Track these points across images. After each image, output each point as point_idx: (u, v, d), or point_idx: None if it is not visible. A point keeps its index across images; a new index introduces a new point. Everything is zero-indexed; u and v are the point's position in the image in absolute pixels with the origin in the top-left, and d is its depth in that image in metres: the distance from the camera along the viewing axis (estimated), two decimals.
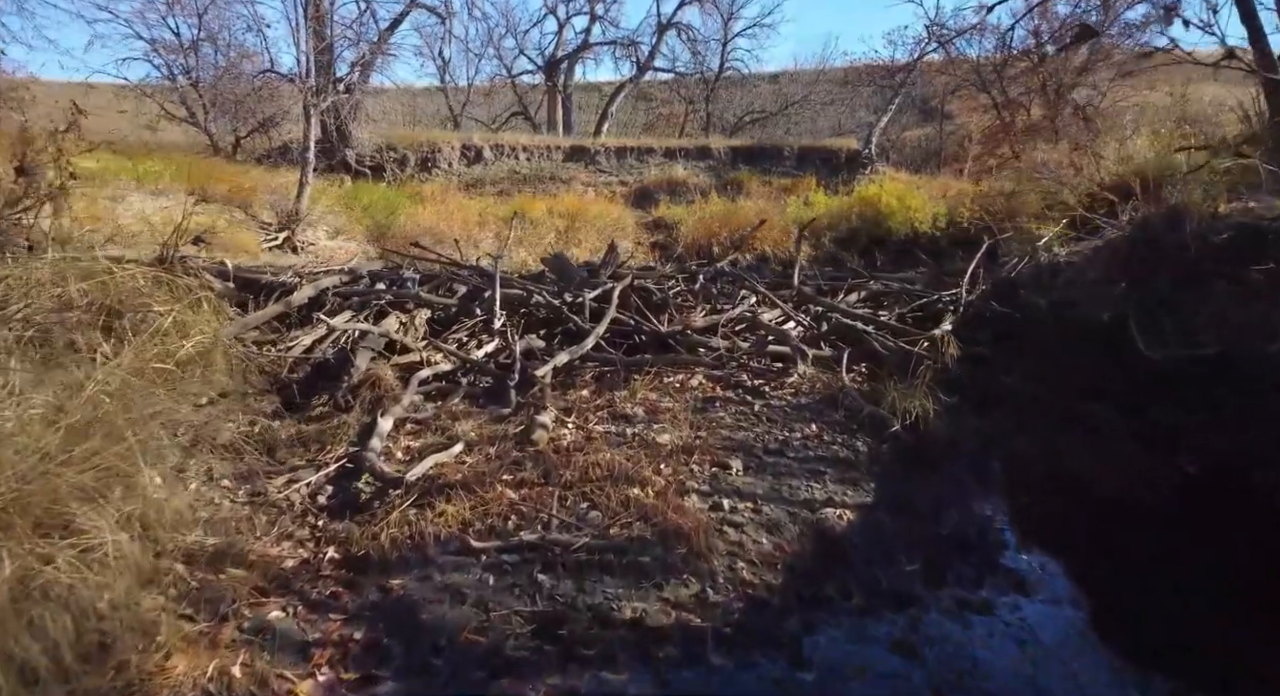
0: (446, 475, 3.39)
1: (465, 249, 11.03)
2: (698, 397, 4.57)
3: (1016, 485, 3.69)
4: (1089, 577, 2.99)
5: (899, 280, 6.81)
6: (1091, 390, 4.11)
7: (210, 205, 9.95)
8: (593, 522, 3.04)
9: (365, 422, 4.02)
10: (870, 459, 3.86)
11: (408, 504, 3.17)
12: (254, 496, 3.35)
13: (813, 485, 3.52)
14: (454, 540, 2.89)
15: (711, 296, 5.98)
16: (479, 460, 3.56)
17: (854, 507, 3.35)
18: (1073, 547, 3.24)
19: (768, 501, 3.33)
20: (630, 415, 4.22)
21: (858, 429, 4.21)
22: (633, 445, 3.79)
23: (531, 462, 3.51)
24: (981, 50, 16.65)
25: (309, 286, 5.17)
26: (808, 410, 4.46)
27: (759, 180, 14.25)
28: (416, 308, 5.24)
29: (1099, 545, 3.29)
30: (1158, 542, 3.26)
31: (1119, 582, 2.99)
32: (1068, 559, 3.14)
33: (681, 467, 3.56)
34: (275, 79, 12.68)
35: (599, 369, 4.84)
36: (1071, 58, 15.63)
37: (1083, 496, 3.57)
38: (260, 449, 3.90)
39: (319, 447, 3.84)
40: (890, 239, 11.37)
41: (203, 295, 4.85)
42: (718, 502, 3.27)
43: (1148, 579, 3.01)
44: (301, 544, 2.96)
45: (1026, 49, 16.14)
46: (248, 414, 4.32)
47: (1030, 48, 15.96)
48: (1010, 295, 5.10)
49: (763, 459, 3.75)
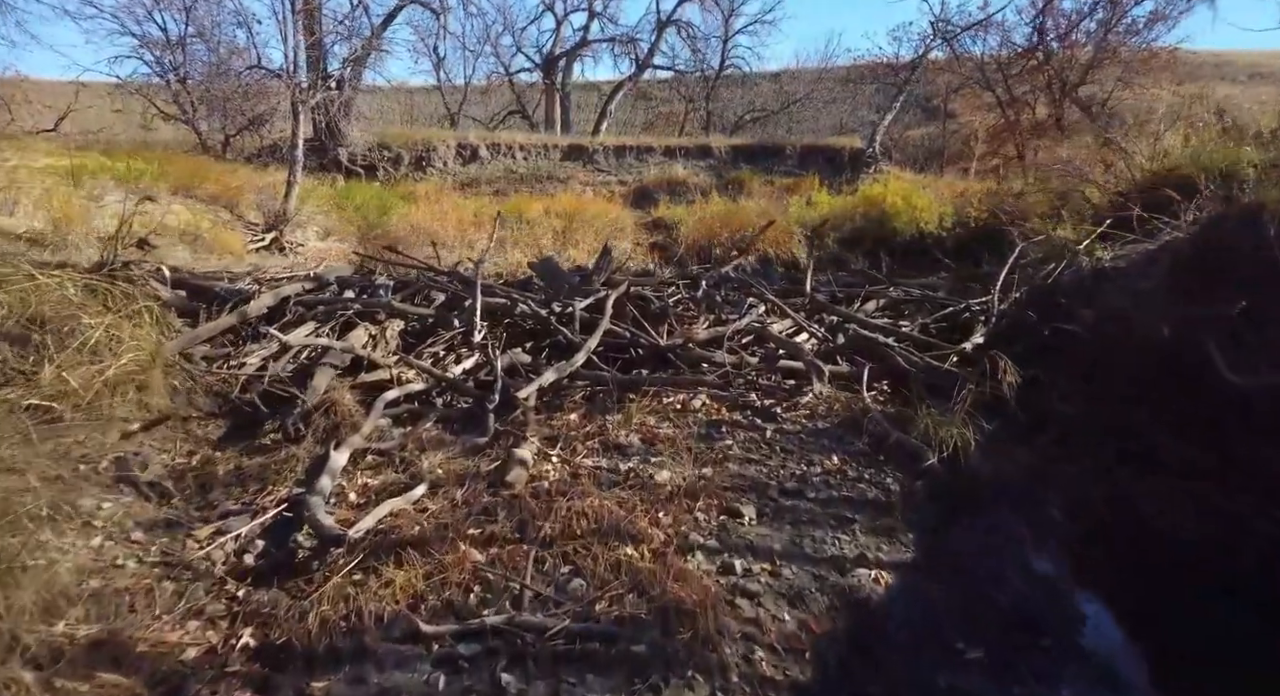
0: (402, 527, 2.75)
1: (460, 250, 10.38)
2: (701, 422, 3.92)
3: (1080, 535, 3.04)
4: (1185, 662, 2.35)
5: (920, 286, 6.12)
6: (1156, 418, 3.46)
7: (196, 204, 9.36)
8: (575, 594, 2.39)
9: (318, 456, 3.38)
10: (904, 500, 3.21)
11: (352, 565, 2.53)
12: (169, 554, 2.70)
13: (840, 537, 2.87)
14: (400, 621, 2.25)
15: (715, 305, 5.31)
16: (443, 507, 2.91)
17: (892, 568, 2.70)
18: (1157, 618, 2.60)
19: (788, 560, 2.68)
20: (624, 445, 3.57)
21: (885, 460, 3.56)
22: (627, 485, 3.14)
23: (505, 510, 2.86)
24: (986, 47, 15.99)
25: (268, 295, 4.51)
26: (826, 437, 3.81)
27: (760, 179, 13.57)
28: (388, 318, 4.58)
29: (1187, 613, 2.64)
30: (1254, 608, 2.62)
31: (1223, 672, 2.34)
32: (1155, 634, 2.50)
33: (684, 515, 2.91)
34: (263, 75, 11.97)
35: (590, 388, 4.19)
36: (1077, 55, 14.94)
37: (1161, 549, 2.92)
38: (193, 487, 3.27)
39: (260, 487, 3.19)
40: (895, 240, 10.73)
41: (144, 305, 4.21)
42: (728, 563, 2.62)
43: (1253, 658, 2.37)
44: (213, 623, 2.32)
45: (1032, 46, 15.47)
46: (188, 442, 3.69)
47: (1035, 44, 15.29)
48: (1049, 305, 4.44)
49: (779, 502, 3.10)
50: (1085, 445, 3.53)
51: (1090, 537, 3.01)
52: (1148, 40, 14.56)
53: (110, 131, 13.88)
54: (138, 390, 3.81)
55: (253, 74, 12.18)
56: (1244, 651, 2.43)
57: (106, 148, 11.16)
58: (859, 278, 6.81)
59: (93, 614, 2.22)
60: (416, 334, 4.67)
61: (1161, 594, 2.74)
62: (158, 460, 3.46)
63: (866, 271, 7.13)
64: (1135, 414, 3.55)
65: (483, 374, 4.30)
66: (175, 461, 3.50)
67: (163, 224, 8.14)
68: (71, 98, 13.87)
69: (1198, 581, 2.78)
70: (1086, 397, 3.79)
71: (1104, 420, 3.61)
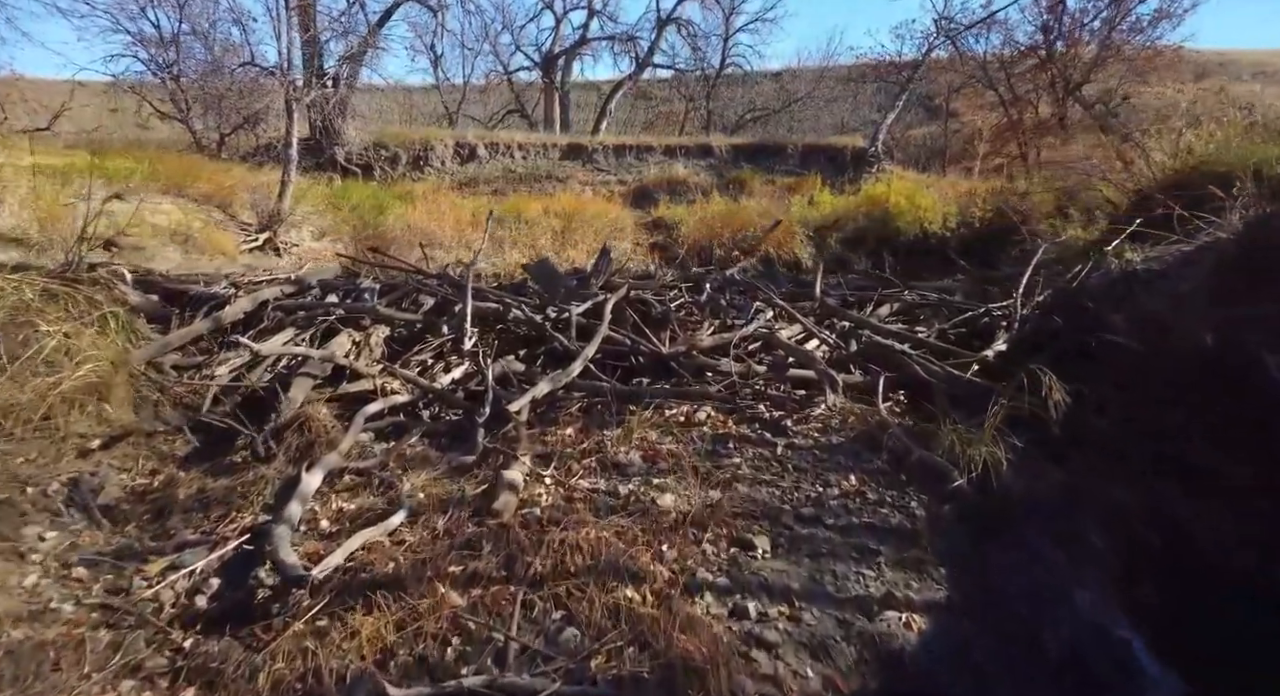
0: (375, 564, 2.42)
1: (457, 250, 10.05)
2: (706, 436, 3.59)
3: (1130, 566, 2.71)
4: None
5: (936, 290, 5.77)
6: (1204, 434, 3.13)
7: (188, 204, 9.04)
8: (567, 647, 2.06)
9: (289, 477, 3.05)
10: (931, 526, 2.88)
11: (316, 609, 2.20)
12: (113, 593, 2.38)
13: (864, 572, 2.53)
14: (364, 681, 1.92)
15: (720, 310, 4.97)
16: (422, 539, 2.58)
17: (924, 609, 2.37)
18: (1224, 665, 2.27)
19: (808, 601, 2.35)
20: (624, 464, 3.24)
21: (907, 480, 3.23)
22: (627, 511, 2.81)
23: (491, 543, 2.53)
24: (989, 46, 15.65)
25: (245, 299, 4.18)
26: (842, 453, 3.48)
27: (762, 179, 13.24)
28: (373, 324, 4.24)
29: (1258, 657, 2.32)
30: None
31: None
32: (1224, 688, 2.17)
33: (690, 547, 2.58)
34: (255, 72, 11.62)
35: (587, 400, 3.85)
36: (1081, 53, 14.60)
37: (1221, 582, 2.59)
38: (151, 512, 2.94)
39: (223, 513, 2.86)
40: (899, 240, 10.44)
41: (109, 311, 3.87)
42: (740, 605, 2.29)
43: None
44: (151, 681, 1.99)
45: (1035, 44, 15.12)
46: (152, 459, 3.36)
47: (1039, 43, 14.95)
48: (1076, 309, 4.11)
49: (794, 530, 2.76)
50: (1126, 463, 3.20)
51: (1141, 569, 2.68)
52: (1152, 38, 14.23)
53: (106, 130, 13.55)
54: (98, 403, 3.49)
55: (246, 71, 11.82)
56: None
57: (98, 146, 10.83)
58: (870, 280, 6.44)
59: (7, 675, 1.89)
60: (403, 341, 4.34)
61: (1227, 634, 2.42)
62: (115, 481, 3.13)
63: (879, 274, 6.77)
64: (1175, 423, 3.22)
65: (473, 384, 3.97)
66: (135, 482, 3.17)
67: (152, 224, 7.84)
68: (68, 97, 13.55)
69: (1256, 618, 2.47)
70: (1122, 408, 3.46)
71: (1142, 432, 3.28)
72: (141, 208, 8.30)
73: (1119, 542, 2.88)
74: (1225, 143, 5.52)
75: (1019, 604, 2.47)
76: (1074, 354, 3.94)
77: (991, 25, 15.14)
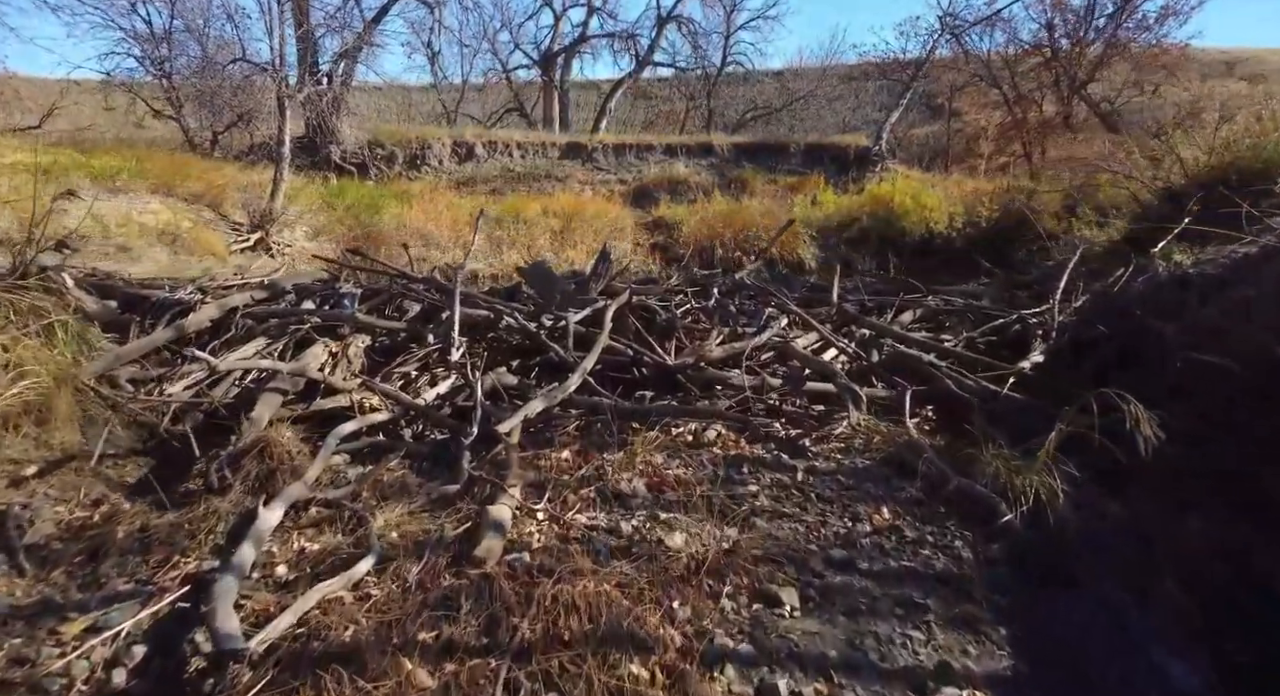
0: (332, 627, 1.98)
1: (453, 251, 9.62)
2: (718, 459, 3.16)
3: (1213, 620, 2.29)
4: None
5: (961, 294, 5.32)
6: (1271, 451, 2.71)
7: (176, 203, 8.62)
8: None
9: (245, 511, 2.62)
10: (979, 572, 2.46)
11: (257, 689, 1.77)
12: (16, 663, 1.95)
13: (911, 634, 2.11)
14: None
15: (730, 317, 4.53)
16: (390, 593, 2.15)
17: (986, 684, 1.94)
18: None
19: (850, 676, 1.92)
20: (627, 494, 2.81)
21: (946, 513, 2.80)
22: (631, 554, 2.38)
23: (471, 599, 2.09)
24: (993, 44, 15.21)
25: (212, 306, 3.74)
26: (869, 479, 3.06)
27: (764, 178, 12.79)
28: (353, 333, 3.81)
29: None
30: None
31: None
32: None
33: (706, 603, 2.16)
34: (247, 68, 11.16)
35: (586, 418, 3.42)
36: (1086, 52, 14.18)
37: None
38: (84, 554, 2.51)
39: (165, 556, 2.43)
40: (904, 240, 10.02)
41: (57, 320, 3.44)
42: (769, 683, 1.86)
43: None
44: None
45: (1039, 43, 14.70)
46: (97, 487, 2.92)
47: (1044, 42, 14.52)
48: (1121, 317, 3.69)
49: (825, 578, 2.34)
50: (1195, 495, 2.77)
51: (1227, 624, 2.26)
52: (1159, 35, 13.80)
53: (100, 129, 13.11)
54: (38, 424, 3.06)
55: (238, 68, 11.35)
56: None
57: (87, 144, 10.40)
58: (887, 284, 5.99)
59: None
60: (385, 351, 3.90)
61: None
62: (50, 514, 2.70)
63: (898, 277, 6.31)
64: (1253, 453, 2.79)
65: (460, 399, 3.55)
66: (74, 515, 2.74)
67: (140, 223, 7.42)
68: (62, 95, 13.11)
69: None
70: (1183, 430, 3.03)
71: (1212, 461, 2.86)
72: (129, 207, 7.90)
73: (1195, 588, 2.45)
74: (1265, 138, 5.10)
75: (1096, 671, 2.05)
76: (1118, 367, 3.53)
77: (996, 23, 14.71)
